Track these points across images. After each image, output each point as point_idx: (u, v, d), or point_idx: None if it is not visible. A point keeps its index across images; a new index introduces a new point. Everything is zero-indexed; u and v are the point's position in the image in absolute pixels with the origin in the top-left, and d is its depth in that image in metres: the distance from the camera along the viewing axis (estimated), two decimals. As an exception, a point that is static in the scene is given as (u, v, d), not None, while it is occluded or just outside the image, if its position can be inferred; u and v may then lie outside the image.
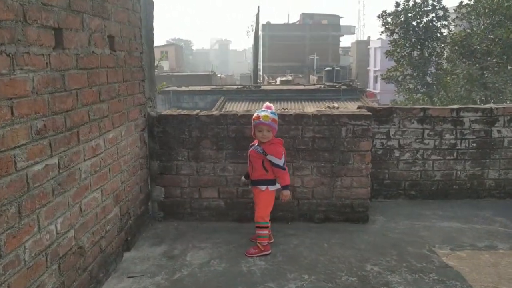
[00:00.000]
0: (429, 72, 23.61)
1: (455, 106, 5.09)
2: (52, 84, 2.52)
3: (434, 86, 23.08)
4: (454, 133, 4.99)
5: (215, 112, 4.42)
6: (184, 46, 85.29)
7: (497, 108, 5.01)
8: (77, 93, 2.82)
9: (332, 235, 4.12)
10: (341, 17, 64.06)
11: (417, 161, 5.05)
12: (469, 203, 5.01)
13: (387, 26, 24.03)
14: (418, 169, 5.06)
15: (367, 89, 41.08)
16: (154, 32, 4.44)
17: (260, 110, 3.84)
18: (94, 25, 3.06)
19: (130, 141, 3.81)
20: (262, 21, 50.66)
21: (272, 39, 53.37)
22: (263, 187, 3.75)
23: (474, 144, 5.03)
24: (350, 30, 75.11)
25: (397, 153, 5.03)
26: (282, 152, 3.73)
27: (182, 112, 4.43)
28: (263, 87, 28.67)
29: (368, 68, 56.75)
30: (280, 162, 3.68)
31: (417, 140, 5.00)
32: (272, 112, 3.77)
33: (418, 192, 5.11)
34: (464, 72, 20.87)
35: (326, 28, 56.48)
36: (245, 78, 47.84)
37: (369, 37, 69.86)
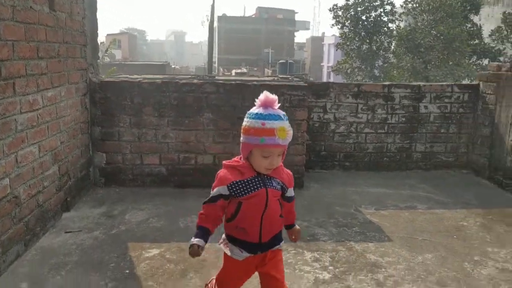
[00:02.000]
0: (376, 65, 24.53)
1: (387, 83, 5.45)
2: (-13, 32, 2.57)
3: (381, 79, 23.98)
4: (385, 108, 5.34)
5: (157, 80, 4.52)
6: (138, 36, 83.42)
7: (424, 85, 5.41)
8: (13, 44, 2.86)
9: (268, 198, 4.33)
10: (296, 13, 64.96)
11: (351, 134, 5.37)
12: (398, 174, 5.39)
13: (337, 19, 24.73)
14: (352, 141, 5.38)
15: (320, 83, 41.84)
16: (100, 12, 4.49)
17: (263, 112, 1.97)
18: (32, -18, 3.11)
19: (70, 103, 3.86)
20: (218, 13, 50.59)
21: (228, 32, 53.37)
22: (282, 243, 2.20)
23: (403, 119, 5.40)
24: (305, 25, 76.23)
25: (333, 126, 5.32)
26: None
27: (124, 79, 4.50)
28: (217, 77, 28.68)
29: (322, 64, 57.81)
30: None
31: (352, 114, 5.32)
32: (284, 116, 2.01)
33: (352, 164, 5.44)
34: (409, 65, 21.85)
35: (281, 22, 57.06)
36: (200, 70, 47.32)
37: (323, 33, 71.15)
